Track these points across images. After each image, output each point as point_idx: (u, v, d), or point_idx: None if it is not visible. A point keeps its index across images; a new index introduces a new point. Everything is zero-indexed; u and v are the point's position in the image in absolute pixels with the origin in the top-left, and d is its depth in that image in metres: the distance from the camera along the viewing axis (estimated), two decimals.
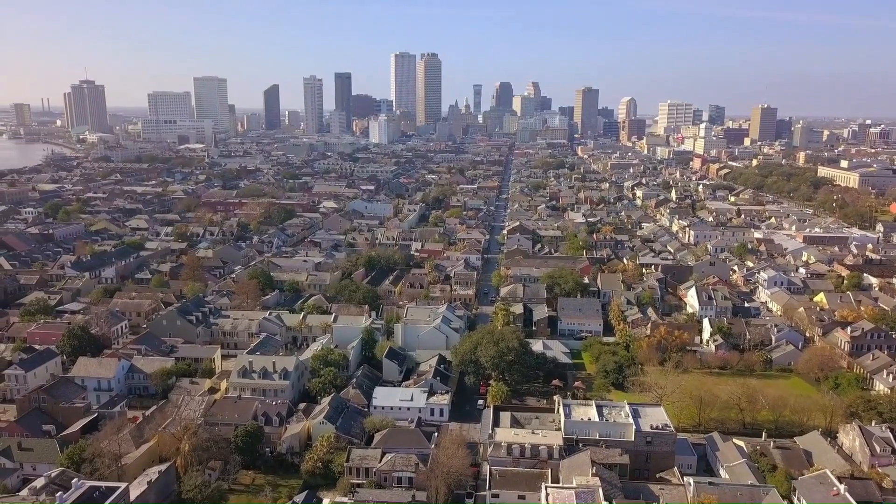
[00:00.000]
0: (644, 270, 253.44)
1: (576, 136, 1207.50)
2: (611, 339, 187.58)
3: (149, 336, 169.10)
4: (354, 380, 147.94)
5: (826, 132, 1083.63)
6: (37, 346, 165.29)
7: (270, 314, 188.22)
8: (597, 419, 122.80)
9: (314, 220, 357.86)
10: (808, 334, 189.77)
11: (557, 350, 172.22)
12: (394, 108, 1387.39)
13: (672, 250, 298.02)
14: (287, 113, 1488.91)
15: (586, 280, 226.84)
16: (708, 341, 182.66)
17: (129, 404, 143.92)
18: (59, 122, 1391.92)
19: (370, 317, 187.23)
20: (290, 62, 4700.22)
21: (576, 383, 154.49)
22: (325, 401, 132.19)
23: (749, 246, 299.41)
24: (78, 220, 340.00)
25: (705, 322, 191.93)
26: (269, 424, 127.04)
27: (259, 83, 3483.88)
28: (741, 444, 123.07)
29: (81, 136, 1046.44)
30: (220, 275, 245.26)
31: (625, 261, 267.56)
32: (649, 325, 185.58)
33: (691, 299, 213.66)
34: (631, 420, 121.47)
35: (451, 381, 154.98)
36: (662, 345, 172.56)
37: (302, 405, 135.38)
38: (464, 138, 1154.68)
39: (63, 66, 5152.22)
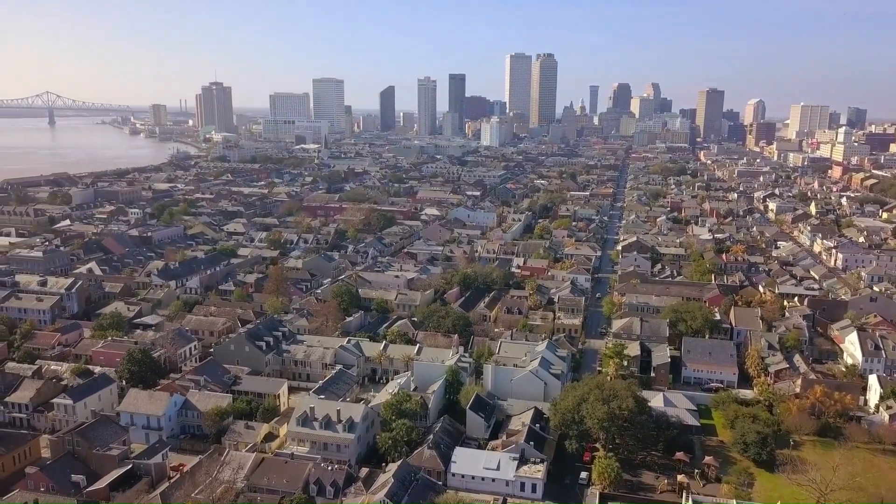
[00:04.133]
0: (786, 303, 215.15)
1: (698, 139, 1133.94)
2: (748, 394, 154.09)
3: (211, 364, 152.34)
4: (432, 436, 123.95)
5: None
6: (98, 368, 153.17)
7: (349, 342, 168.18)
8: None
9: (414, 229, 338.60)
10: None
11: (682, 406, 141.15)
12: (507, 110, 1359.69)
13: (817, 277, 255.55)
14: (402, 114, 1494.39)
15: (717, 315, 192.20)
16: (878, 407, 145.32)
17: (180, 447, 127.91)
18: (190, 122, 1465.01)
19: (457, 351, 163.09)
20: (407, 63, 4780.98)
21: (706, 459, 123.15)
22: (392, 469, 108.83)
23: None
24: (180, 223, 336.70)
25: (871, 379, 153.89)
26: (321, 495, 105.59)
27: (376, 84, 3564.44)
28: None
29: (208, 136, 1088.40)
30: (306, 289, 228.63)
31: (761, 289, 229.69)
32: (800, 380, 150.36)
33: (850, 346, 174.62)
34: None
35: (547, 444, 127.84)
36: (817, 408, 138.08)
37: (363, 472, 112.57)
38: (577, 140, 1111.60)
39: (201, 68, 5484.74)
